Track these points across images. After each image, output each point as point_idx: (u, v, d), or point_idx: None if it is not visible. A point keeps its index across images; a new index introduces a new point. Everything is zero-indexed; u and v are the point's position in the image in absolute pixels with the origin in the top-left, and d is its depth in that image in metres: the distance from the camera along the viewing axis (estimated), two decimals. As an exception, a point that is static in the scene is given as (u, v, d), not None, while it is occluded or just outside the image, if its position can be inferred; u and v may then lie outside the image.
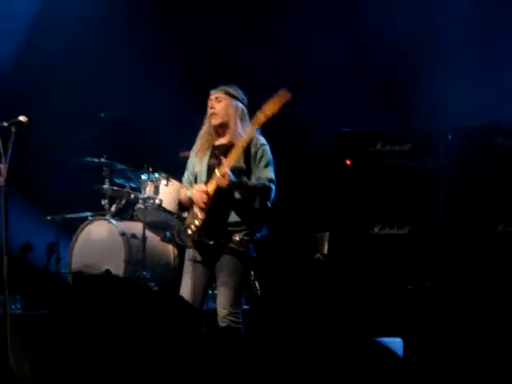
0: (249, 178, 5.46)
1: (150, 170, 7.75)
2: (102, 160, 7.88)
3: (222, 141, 5.56)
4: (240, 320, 5.33)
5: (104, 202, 7.93)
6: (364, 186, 6.97)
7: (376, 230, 6.89)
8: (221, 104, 5.51)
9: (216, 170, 5.35)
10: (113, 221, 7.76)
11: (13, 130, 5.21)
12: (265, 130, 5.61)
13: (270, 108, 5.40)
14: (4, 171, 5.11)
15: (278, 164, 8.58)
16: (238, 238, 5.42)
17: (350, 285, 6.73)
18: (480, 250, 6.67)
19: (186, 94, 5.78)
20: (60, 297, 2.06)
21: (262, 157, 5.55)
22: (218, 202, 5.39)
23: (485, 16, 8.08)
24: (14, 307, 6.90)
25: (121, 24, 8.78)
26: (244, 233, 5.46)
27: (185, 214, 5.73)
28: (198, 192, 5.40)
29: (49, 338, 2.00)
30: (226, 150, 5.42)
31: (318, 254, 7.46)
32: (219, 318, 5.30)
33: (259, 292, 7.50)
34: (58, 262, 7.97)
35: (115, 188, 7.95)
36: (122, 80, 8.37)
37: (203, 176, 5.54)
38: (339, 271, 6.88)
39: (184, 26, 8.89)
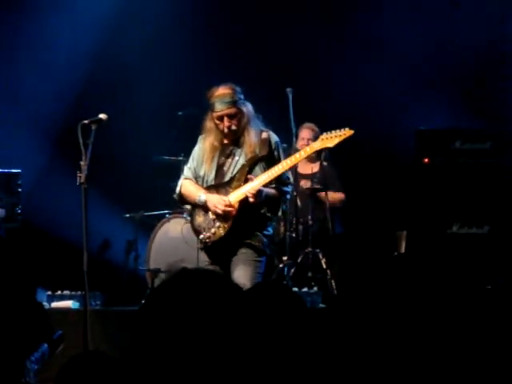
0: (268, 168, 5.42)
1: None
2: (180, 158, 7.94)
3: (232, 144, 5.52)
4: None
5: (182, 199, 7.98)
6: (442, 184, 6.87)
7: (454, 229, 6.79)
8: (236, 118, 5.43)
9: (246, 187, 5.35)
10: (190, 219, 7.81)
11: (93, 127, 5.28)
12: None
13: (328, 141, 5.42)
14: (84, 168, 5.18)
15: (358, 163, 8.58)
16: (252, 233, 5.42)
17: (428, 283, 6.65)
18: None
19: (261, 90, 5.80)
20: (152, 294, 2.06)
21: (281, 157, 5.53)
22: (244, 209, 5.40)
23: None
24: (93, 303, 7.01)
25: (197, 24, 8.85)
26: (257, 228, 5.44)
27: (187, 207, 5.70)
28: (220, 203, 5.37)
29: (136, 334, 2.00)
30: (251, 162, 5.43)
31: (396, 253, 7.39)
32: None
33: (335, 291, 7.46)
34: (136, 259, 8.06)
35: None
36: (200, 78, 8.42)
37: (211, 175, 5.52)
38: (417, 270, 6.80)
39: (256, 27, 8.91)
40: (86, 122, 5.29)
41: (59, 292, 7.27)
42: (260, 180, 5.36)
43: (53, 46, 8.66)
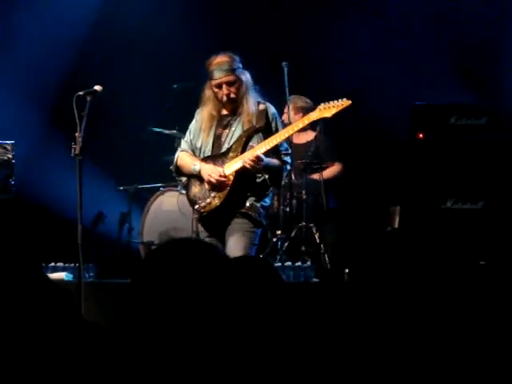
0: (264, 136, 5.42)
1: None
2: (175, 131, 7.92)
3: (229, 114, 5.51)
4: None
5: (176, 172, 7.97)
6: (437, 159, 6.86)
7: (449, 204, 6.79)
8: (235, 86, 5.42)
9: (245, 155, 5.34)
10: (184, 192, 7.80)
11: (88, 99, 5.27)
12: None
13: (326, 111, 5.41)
14: (79, 140, 5.17)
15: (352, 138, 8.57)
16: (248, 204, 5.40)
17: (421, 259, 6.67)
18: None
19: (256, 63, 5.78)
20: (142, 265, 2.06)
21: (278, 129, 5.53)
22: (239, 180, 5.39)
23: None
24: (87, 275, 7.02)
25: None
26: (254, 198, 5.43)
27: (183, 179, 5.70)
28: (214, 172, 5.36)
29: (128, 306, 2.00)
30: (249, 132, 5.43)
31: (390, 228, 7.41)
32: None
33: (329, 265, 7.48)
34: (130, 232, 8.07)
35: (187, 159, 7.98)
36: (195, 51, 8.38)
37: (208, 146, 5.51)
38: (410, 245, 6.81)
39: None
40: (80, 93, 5.28)
41: (52, 264, 7.26)
42: (259, 149, 5.35)
43: (48, 17, 8.61)
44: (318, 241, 7.58)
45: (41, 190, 8.39)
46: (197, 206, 5.48)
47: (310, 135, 8.01)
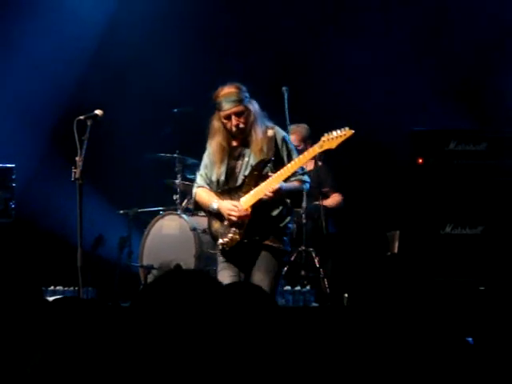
0: (276, 167, 5.43)
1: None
2: (175, 155, 7.95)
3: (237, 144, 5.52)
4: None
5: (176, 196, 7.99)
6: (436, 185, 6.88)
7: (448, 229, 6.80)
8: (243, 116, 5.41)
9: (262, 187, 5.35)
10: (184, 216, 7.82)
11: (88, 123, 5.29)
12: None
13: (329, 143, 5.41)
14: (79, 164, 5.19)
15: (352, 163, 8.57)
16: (271, 236, 5.43)
17: (421, 285, 6.66)
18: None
19: (256, 88, 5.80)
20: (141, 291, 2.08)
21: (290, 151, 5.53)
22: (256, 213, 5.41)
23: None
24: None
25: (194, 22, 8.86)
26: (276, 228, 5.45)
27: (201, 213, 5.69)
28: (233, 210, 5.38)
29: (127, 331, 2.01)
30: (261, 164, 5.43)
31: (389, 253, 7.41)
32: None
33: (328, 290, 7.48)
34: (129, 256, 8.07)
35: (187, 183, 8.00)
36: (195, 76, 8.43)
37: (223, 178, 5.50)
38: (409, 270, 6.81)
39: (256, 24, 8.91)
40: (81, 117, 5.31)
41: (52, 287, 7.26)
42: (275, 181, 5.35)
43: (48, 41, 8.66)
44: (317, 265, 7.58)
45: (41, 214, 8.40)
46: (220, 241, 5.49)
47: (309, 164, 8.02)
